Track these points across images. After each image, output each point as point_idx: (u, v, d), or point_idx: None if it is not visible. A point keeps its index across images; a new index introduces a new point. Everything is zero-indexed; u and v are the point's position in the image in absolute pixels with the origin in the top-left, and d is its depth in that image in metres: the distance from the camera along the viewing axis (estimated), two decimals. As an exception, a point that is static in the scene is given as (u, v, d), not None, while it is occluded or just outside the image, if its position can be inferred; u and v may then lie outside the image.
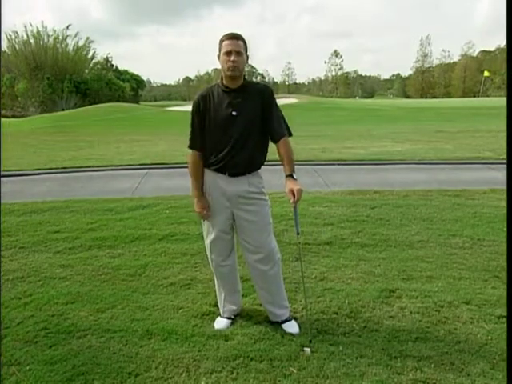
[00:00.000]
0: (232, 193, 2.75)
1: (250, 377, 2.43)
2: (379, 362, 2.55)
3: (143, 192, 7.57)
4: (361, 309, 3.18)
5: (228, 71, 2.60)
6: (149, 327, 2.96)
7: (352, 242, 4.60)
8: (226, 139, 2.67)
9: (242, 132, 2.67)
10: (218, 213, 2.79)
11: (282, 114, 2.80)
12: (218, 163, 2.73)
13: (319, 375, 2.44)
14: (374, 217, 5.53)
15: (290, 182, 2.70)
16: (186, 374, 2.48)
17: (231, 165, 2.71)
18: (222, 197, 2.75)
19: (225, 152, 2.69)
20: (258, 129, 2.72)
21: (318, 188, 7.44)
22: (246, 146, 2.69)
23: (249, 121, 2.68)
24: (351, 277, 3.75)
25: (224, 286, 3.02)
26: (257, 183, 2.79)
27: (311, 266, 3.98)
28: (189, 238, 4.86)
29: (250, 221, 2.77)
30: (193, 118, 2.75)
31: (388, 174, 9.07)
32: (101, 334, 2.88)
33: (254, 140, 2.72)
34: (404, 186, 7.42)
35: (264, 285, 2.90)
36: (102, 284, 3.68)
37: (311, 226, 5.13)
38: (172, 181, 8.83)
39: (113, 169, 10.17)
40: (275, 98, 2.78)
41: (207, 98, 2.70)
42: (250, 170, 2.76)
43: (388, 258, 4.16)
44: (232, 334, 2.87)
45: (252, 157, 2.74)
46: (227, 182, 2.74)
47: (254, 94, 2.70)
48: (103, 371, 2.49)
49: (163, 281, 3.73)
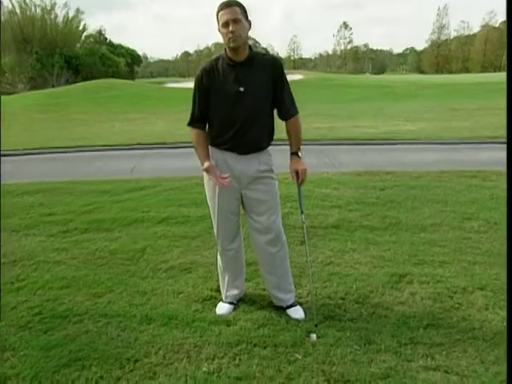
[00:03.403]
0: (241, 171, 2.73)
1: (253, 363, 2.46)
2: (388, 348, 2.57)
3: (141, 173, 7.59)
4: (369, 294, 3.20)
5: (230, 43, 2.54)
6: (148, 312, 2.99)
7: (360, 226, 4.61)
8: (234, 117, 2.64)
9: (250, 109, 2.63)
10: (225, 193, 2.77)
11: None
12: (226, 143, 2.70)
13: (325, 362, 2.47)
14: (383, 199, 5.53)
15: (295, 162, 2.77)
16: (187, 359, 2.51)
17: (240, 144, 2.68)
18: (231, 175, 2.71)
19: (233, 131, 2.66)
20: (267, 105, 2.69)
21: (325, 169, 7.43)
22: (255, 124, 2.66)
23: (258, 97, 2.64)
24: (359, 261, 3.76)
25: (228, 269, 3.04)
26: (267, 161, 2.78)
27: (317, 249, 3.99)
28: (189, 220, 4.88)
29: (261, 200, 2.77)
30: (195, 94, 2.71)
31: (400, 154, 9.04)
32: (98, 319, 2.92)
33: (263, 117, 2.70)
34: (417, 166, 7.40)
35: (272, 268, 2.93)
36: (99, 268, 3.72)
37: (317, 209, 5.14)
38: (171, 161, 8.85)
39: (109, 149, 10.20)
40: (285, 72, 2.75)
41: (211, 72, 2.64)
42: (260, 147, 2.75)
43: (398, 241, 4.17)
44: (234, 319, 2.90)
45: (262, 134, 2.73)
46: (236, 161, 2.72)
47: (262, 68, 2.64)
48: (101, 357, 2.53)
49: (162, 265, 3.77)
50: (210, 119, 2.74)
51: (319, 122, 13.15)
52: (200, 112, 2.72)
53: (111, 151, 10.05)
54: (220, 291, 3.16)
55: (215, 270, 3.55)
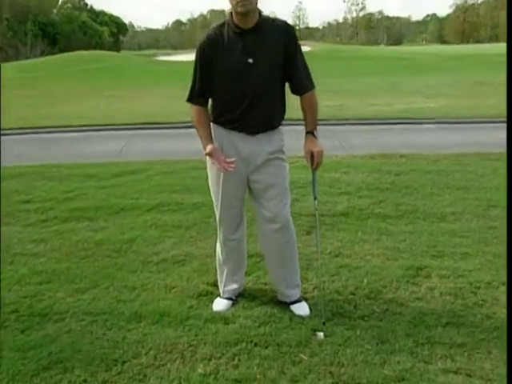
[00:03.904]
0: (250, 154, 2.72)
1: (254, 364, 2.48)
2: (403, 348, 2.59)
3: (129, 156, 7.59)
4: (382, 289, 3.21)
5: (238, 7, 2.48)
6: (137, 309, 3.00)
7: (372, 214, 4.62)
8: (241, 93, 2.61)
9: (260, 84, 2.60)
10: (231, 177, 2.75)
11: None
12: (232, 122, 2.69)
13: (333, 363, 2.48)
14: (398, 184, 5.52)
15: (310, 142, 2.74)
16: (181, 360, 2.53)
17: (248, 123, 2.66)
18: (238, 158, 2.70)
19: (240, 109, 2.63)
20: (279, 79, 2.66)
21: (334, 151, 7.41)
22: (265, 100, 2.64)
23: (268, 69, 2.60)
24: (371, 253, 3.77)
25: (229, 261, 3.04)
26: (279, 141, 2.77)
27: (325, 240, 4.00)
28: (182, 208, 4.89)
29: (270, 185, 2.77)
30: (196, 66, 2.67)
31: (417, 134, 9.02)
32: (81, 318, 2.93)
33: (274, 92, 2.67)
34: (436, 148, 7.39)
35: (279, 259, 2.94)
36: (82, 261, 3.73)
37: (325, 195, 5.14)
38: (163, 143, 8.85)
39: (93, 129, 10.19)
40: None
41: (215, 41, 2.60)
42: (271, 126, 2.73)
43: (415, 231, 4.18)
44: (233, 316, 2.91)
45: (273, 112, 2.71)
46: (244, 142, 2.70)
47: (273, 35, 2.60)
48: (85, 358, 2.55)
49: (153, 257, 3.78)
50: (213, 95, 2.71)
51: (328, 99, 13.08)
52: (202, 86, 2.68)
53: (96, 132, 10.03)
54: (217, 286, 3.17)
55: (212, 262, 3.56)
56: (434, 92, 14.86)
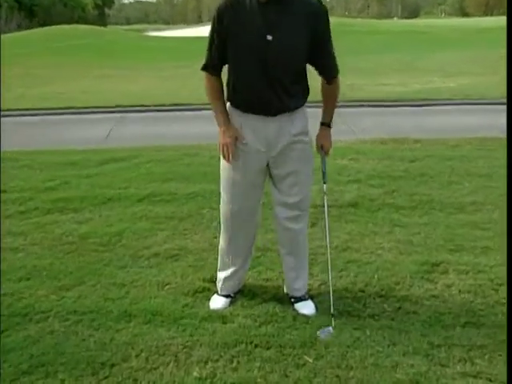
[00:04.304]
0: (269, 137, 2.70)
1: (255, 366, 2.50)
2: (417, 350, 2.61)
3: (117, 141, 7.58)
4: (394, 286, 3.23)
5: None
6: (127, 308, 3.02)
7: (384, 204, 4.63)
8: (258, 72, 2.57)
9: (279, 64, 2.55)
10: (249, 161, 2.75)
11: None
12: (249, 103, 2.68)
13: (341, 365, 2.50)
14: (413, 172, 5.53)
15: (324, 135, 2.90)
16: (175, 363, 2.55)
17: (267, 104, 2.64)
18: (257, 140, 2.70)
19: (257, 89, 2.60)
20: (301, 60, 2.64)
21: (342, 136, 7.36)
22: (285, 81, 2.61)
23: (289, 50, 2.56)
24: (382, 247, 3.79)
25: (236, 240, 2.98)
26: (302, 121, 2.76)
27: (332, 233, 3.95)
28: (176, 198, 4.90)
29: (292, 171, 2.78)
30: (213, 32, 2.62)
31: (434, 117, 9.01)
32: (65, 317, 2.95)
33: (296, 72, 2.65)
34: (455, 132, 7.38)
35: (292, 247, 2.99)
36: (66, 256, 3.75)
37: (332, 184, 5.13)
38: (154, 127, 8.83)
39: (77, 112, 10.18)
40: None
41: (235, 6, 2.54)
42: (293, 107, 2.72)
43: (431, 223, 4.19)
44: (232, 315, 2.93)
45: (295, 92, 2.69)
46: (263, 124, 2.68)
47: (301, 13, 2.54)
48: (69, 361, 2.56)
49: (144, 251, 3.79)
50: (228, 69, 2.69)
51: (335, 78, 13.10)
52: (218, 56, 2.66)
53: (80, 115, 10.01)
54: (214, 282, 3.19)
55: (208, 257, 3.59)
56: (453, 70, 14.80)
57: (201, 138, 6.80)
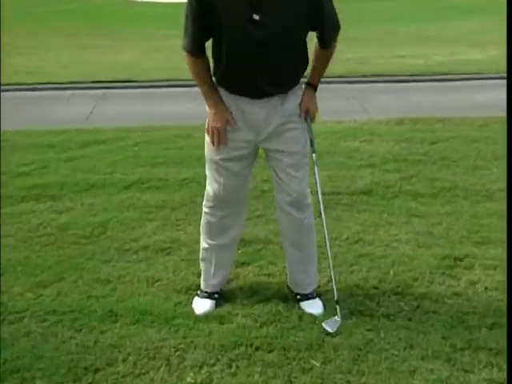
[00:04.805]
0: (260, 120, 2.75)
1: (255, 371, 2.51)
2: (438, 354, 2.62)
3: (100, 121, 7.55)
4: (412, 282, 3.24)
5: None
6: (112, 306, 3.03)
7: (401, 191, 4.63)
8: (245, 55, 2.58)
9: (269, 45, 2.55)
10: (235, 146, 2.81)
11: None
12: (238, 87, 2.71)
13: (351, 370, 2.51)
14: (434, 156, 5.53)
15: (309, 98, 2.85)
16: (166, 367, 2.56)
17: (257, 88, 2.67)
18: (245, 124, 2.75)
19: (246, 72, 2.62)
20: (297, 35, 2.64)
21: (353, 115, 7.38)
22: (278, 61, 2.62)
23: (282, 29, 2.54)
24: (398, 239, 3.79)
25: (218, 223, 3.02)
26: (295, 101, 2.79)
27: (341, 223, 4.02)
28: (167, 185, 4.91)
29: (285, 152, 2.82)
30: (191, 9, 2.58)
31: (459, 94, 8.96)
32: (43, 317, 2.96)
33: (291, 50, 2.65)
34: (482, 111, 7.33)
35: (293, 239, 3.01)
36: (44, 249, 3.76)
37: (342, 169, 5.16)
38: (143, 105, 8.79)
39: (54, 87, 10.11)
40: None
41: None
42: (287, 87, 2.76)
43: (454, 213, 4.20)
44: (230, 314, 2.94)
45: (290, 71, 2.72)
46: (252, 106, 2.73)
47: None
48: (48, 366, 2.57)
49: (132, 244, 3.81)
50: (213, 48, 2.70)
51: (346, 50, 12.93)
52: (201, 33, 2.65)
53: (59, 91, 9.95)
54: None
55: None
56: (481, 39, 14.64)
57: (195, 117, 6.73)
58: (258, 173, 4.71)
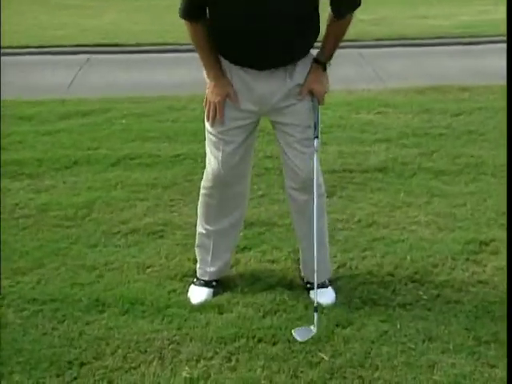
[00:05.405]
0: (264, 92, 2.76)
1: (257, 365, 2.53)
2: (460, 348, 2.64)
3: (83, 90, 7.54)
4: (432, 269, 3.26)
5: None
6: (99, 295, 3.06)
7: (420, 168, 4.65)
8: (251, 25, 2.57)
9: (281, 14, 2.55)
10: (238, 116, 2.83)
11: None
12: (239, 57, 2.72)
13: (364, 365, 2.54)
14: (458, 129, 5.53)
15: (315, 76, 2.82)
16: (159, 361, 2.58)
17: (261, 58, 2.68)
18: (248, 96, 2.77)
19: (249, 42, 2.62)
20: (312, 3, 2.65)
21: (367, 84, 7.37)
22: (285, 30, 2.61)
23: None
24: (417, 221, 3.81)
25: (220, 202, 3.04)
26: (303, 71, 2.79)
27: (353, 204, 4.05)
28: (160, 161, 4.92)
29: (291, 125, 2.84)
30: None
31: (486, 59, 8.91)
32: (22, 307, 2.98)
33: (300, 18, 2.64)
34: (512, 78, 7.32)
35: (301, 221, 3.05)
36: (22, 232, 3.77)
37: (354, 144, 5.16)
38: (130, 73, 8.75)
39: (31, 52, 10.08)
40: None
41: None
42: (296, 58, 2.76)
43: (480, 192, 4.21)
44: (229, 303, 2.97)
45: (299, 40, 2.70)
46: (257, 77, 2.74)
47: None
48: (28, 360, 2.59)
49: (121, 226, 3.82)
50: (212, 13, 2.68)
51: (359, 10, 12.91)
52: (196, 2, 2.66)
53: (36, 55, 9.93)
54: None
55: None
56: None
57: (190, 86, 6.72)
58: (261, 149, 4.75)
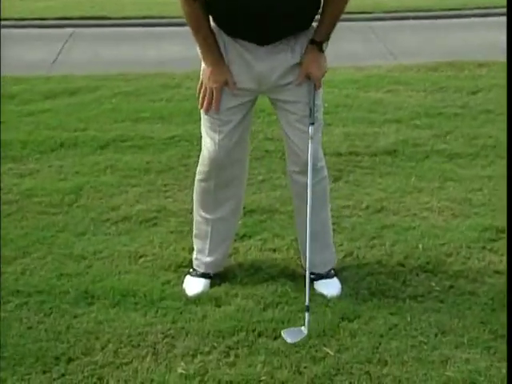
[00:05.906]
0: (263, 69, 2.77)
1: (258, 360, 2.54)
2: (475, 342, 2.65)
3: (69, 67, 7.51)
4: (445, 258, 3.27)
5: None
6: (88, 286, 3.07)
7: (433, 151, 4.65)
8: None
9: None
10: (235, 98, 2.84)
11: None
12: (237, 30, 2.72)
13: (372, 360, 2.55)
14: (474, 108, 5.53)
15: (312, 58, 2.80)
16: (153, 356, 2.59)
17: (261, 31, 2.68)
18: (247, 74, 2.77)
19: (248, 18, 2.62)
20: None
21: (376, 59, 7.37)
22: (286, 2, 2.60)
23: None
24: (429, 207, 3.82)
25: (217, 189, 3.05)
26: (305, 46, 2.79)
27: (361, 189, 4.06)
28: (152, 143, 4.92)
29: (291, 102, 2.86)
30: None
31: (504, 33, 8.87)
32: (6, 299, 2.99)
33: None
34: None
35: (300, 208, 3.02)
36: (5, 220, 3.78)
37: (362, 125, 5.17)
38: (120, 47, 8.73)
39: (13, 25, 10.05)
40: None
41: None
42: (297, 30, 2.75)
43: (497, 176, 4.20)
44: (228, 295, 2.98)
45: (300, 16, 2.70)
46: (256, 54, 2.75)
47: None
48: (12, 355, 2.60)
49: (110, 214, 3.84)
50: None
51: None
52: None
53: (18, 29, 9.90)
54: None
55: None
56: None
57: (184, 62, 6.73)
58: (261, 130, 4.76)
